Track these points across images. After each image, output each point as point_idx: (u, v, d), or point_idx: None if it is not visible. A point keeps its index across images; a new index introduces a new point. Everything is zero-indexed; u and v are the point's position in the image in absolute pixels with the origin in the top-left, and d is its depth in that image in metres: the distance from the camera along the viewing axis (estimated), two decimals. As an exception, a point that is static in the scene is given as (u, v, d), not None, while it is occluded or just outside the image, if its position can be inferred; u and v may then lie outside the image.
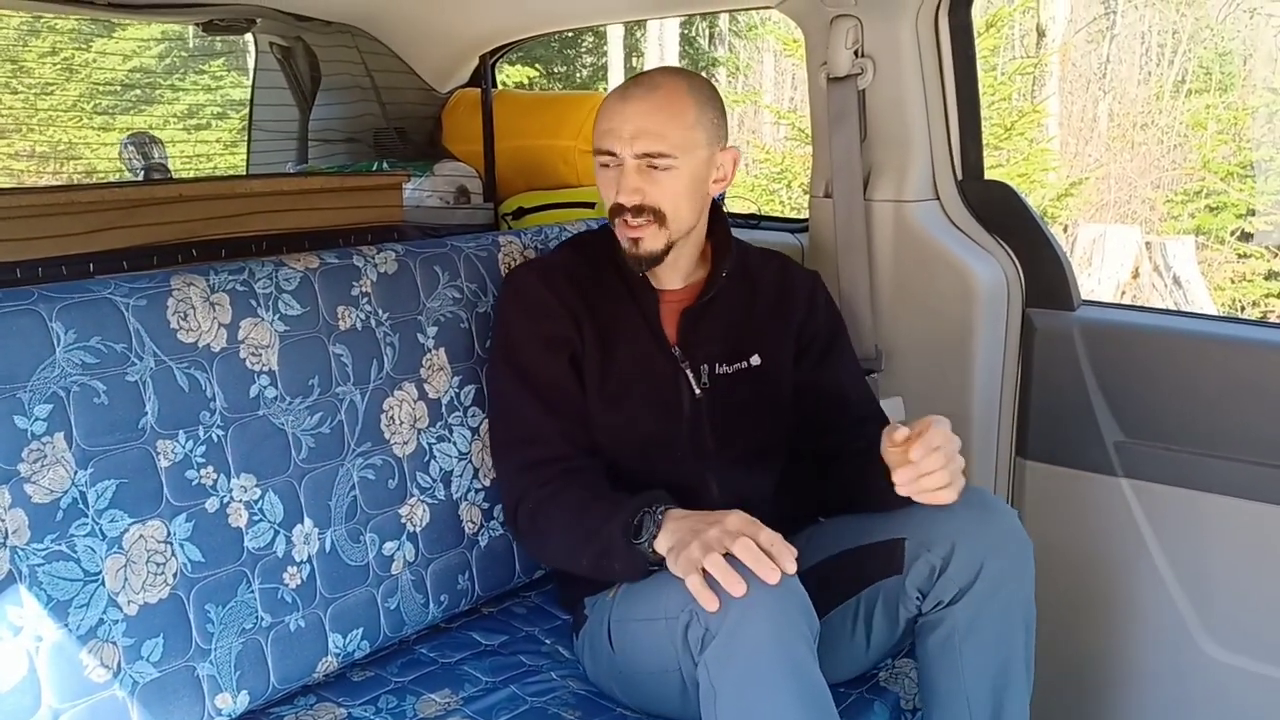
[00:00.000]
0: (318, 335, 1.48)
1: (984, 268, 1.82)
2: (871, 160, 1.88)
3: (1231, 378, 1.67)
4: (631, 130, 1.44)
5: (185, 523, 1.32)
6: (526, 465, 1.48)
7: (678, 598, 1.23)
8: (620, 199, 1.47)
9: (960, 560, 1.33)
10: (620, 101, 1.47)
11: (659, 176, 1.46)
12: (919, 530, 1.36)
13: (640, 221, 1.46)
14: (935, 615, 1.35)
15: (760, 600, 1.17)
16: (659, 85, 1.47)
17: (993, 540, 1.34)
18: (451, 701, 1.46)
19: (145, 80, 7.67)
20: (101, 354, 1.27)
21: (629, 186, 1.45)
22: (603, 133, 1.47)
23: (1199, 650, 1.73)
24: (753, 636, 1.17)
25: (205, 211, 1.78)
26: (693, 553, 1.20)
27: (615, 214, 1.49)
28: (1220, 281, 7.18)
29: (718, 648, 1.18)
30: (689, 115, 1.46)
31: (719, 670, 1.18)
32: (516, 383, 1.51)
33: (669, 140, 1.45)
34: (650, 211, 1.46)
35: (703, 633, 1.20)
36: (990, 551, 1.34)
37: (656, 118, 1.45)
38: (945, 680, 1.37)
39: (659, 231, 1.47)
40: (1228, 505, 1.67)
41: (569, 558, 1.43)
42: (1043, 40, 9.86)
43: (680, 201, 1.48)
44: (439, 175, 2.40)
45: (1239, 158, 8.37)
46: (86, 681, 1.22)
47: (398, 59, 2.45)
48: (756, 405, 1.56)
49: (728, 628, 1.17)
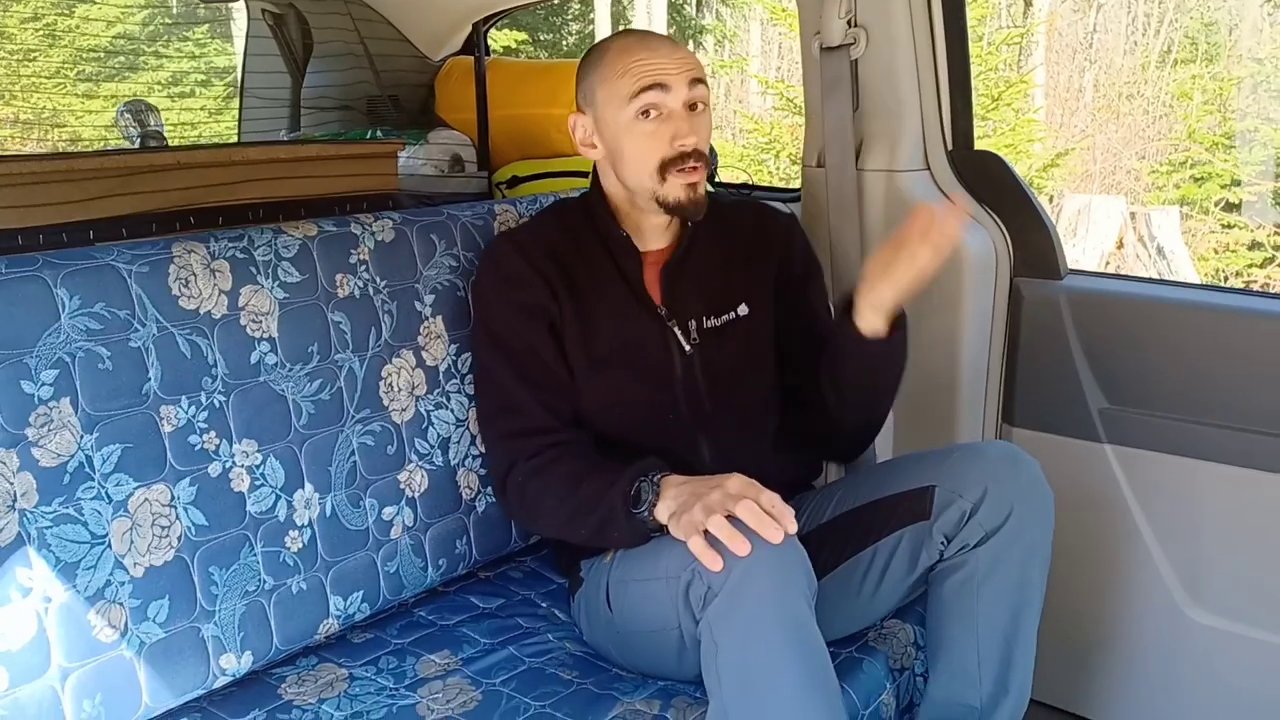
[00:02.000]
0: (317, 303, 1.49)
1: (973, 237, 1.84)
2: (863, 130, 1.89)
3: (1215, 346, 1.70)
4: (681, 67, 1.44)
5: (189, 487, 1.34)
6: (509, 434, 1.49)
7: (678, 558, 1.25)
8: (685, 144, 1.44)
9: (990, 505, 1.37)
10: (649, 49, 1.45)
11: (699, 120, 1.47)
12: (950, 478, 1.40)
13: (698, 165, 1.46)
14: (958, 558, 1.39)
15: (761, 559, 1.20)
16: (664, 37, 1.50)
17: (1021, 487, 1.38)
18: (451, 662, 1.49)
19: (129, 47, 7.59)
20: (105, 320, 1.29)
21: (689, 129, 1.44)
22: (645, 74, 1.44)
23: (1182, 614, 1.77)
24: (754, 594, 1.19)
25: (203, 179, 1.79)
26: (695, 515, 1.23)
27: (670, 166, 1.45)
28: (1204, 252, 7.23)
29: (720, 604, 1.20)
30: (700, 62, 1.49)
31: (721, 626, 1.21)
32: (494, 352, 1.52)
33: (704, 74, 1.48)
34: (702, 156, 1.47)
35: (705, 590, 1.22)
36: (1019, 497, 1.37)
37: (691, 58, 1.47)
38: (958, 624, 1.41)
39: (704, 174, 1.48)
40: (1211, 471, 1.70)
41: (565, 528, 1.44)
42: (1029, 10, 9.85)
43: (709, 146, 1.50)
44: (433, 143, 2.41)
45: (1224, 128, 8.40)
46: (94, 641, 1.25)
47: (390, 26, 2.45)
48: (747, 356, 1.57)
49: (730, 586, 1.20)
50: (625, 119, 1.46)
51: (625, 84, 1.45)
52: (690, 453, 1.53)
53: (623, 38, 1.50)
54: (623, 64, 1.45)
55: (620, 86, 1.45)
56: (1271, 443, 1.64)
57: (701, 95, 1.47)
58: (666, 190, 1.47)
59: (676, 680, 1.43)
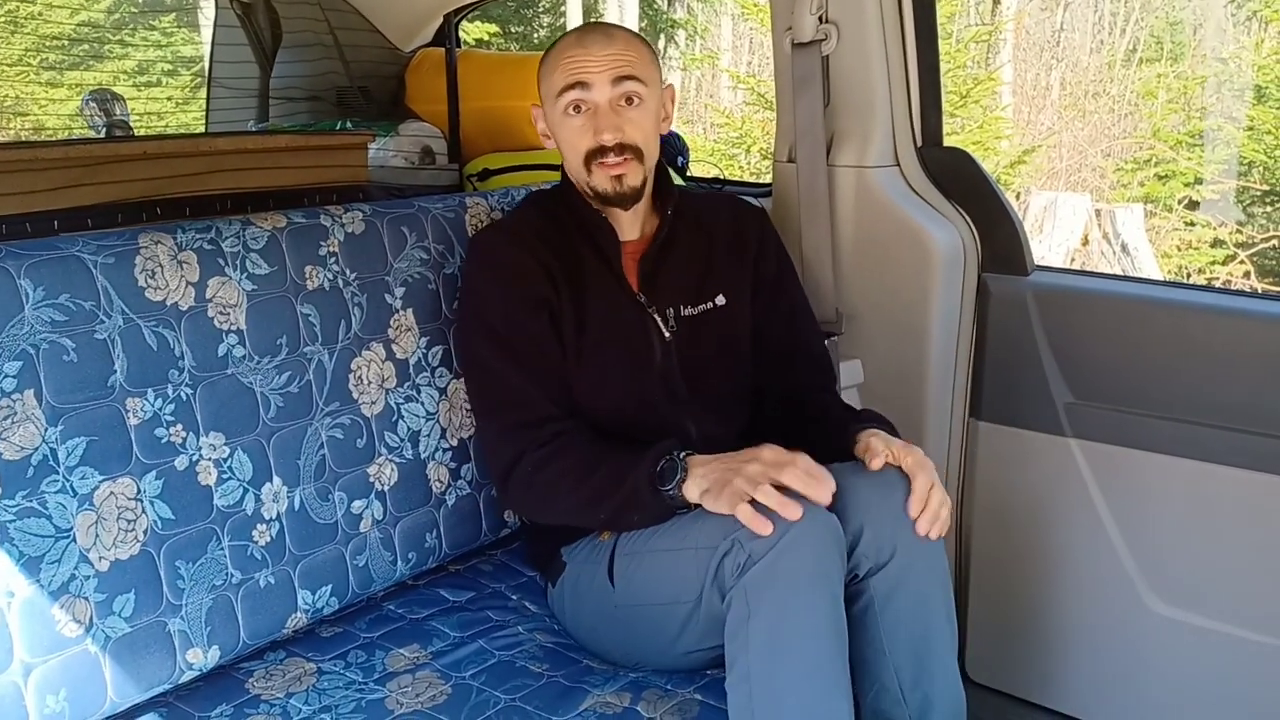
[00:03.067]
0: (285, 295, 1.48)
1: (942, 233, 1.85)
2: (834, 126, 1.90)
3: (1178, 342, 1.72)
4: (605, 65, 1.47)
5: (155, 480, 1.33)
6: (518, 426, 1.48)
7: (715, 528, 1.28)
8: (603, 139, 1.48)
9: (870, 540, 1.33)
10: (581, 46, 1.49)
11: (632, 114, 1.49)
12: (833, 504, 1.34)
13: (623, 158, 1.49)
14: (854, 587, 1.36)
15: (803, 529, 1.23)
16: (611, 30, 1.53)
17: (900, 518, 1.34)
18: (420, 656, 1.48)
19: (94, 35, 7.49)
20: (70, 311, 1.27)
21: (610, 125, 1.48)
22: (571, 72, 1.48)
23: (1143, 605, 1.79)
24: (795, 563, 1.23)
25: (170, 169, 1.77)
26: (738, 486, 1.26)
27: (593, 158, 1.50)
28: (1167, 249, 7.33)
29: (759, 571, 1.23)
30: (646, 50, 1.53)
31: (758, 592, 1.23)
32: (495, 348, 1.51)
33: (641, 73, 1.50)
34: (629, 149, 1.49)
35: (745, 559, 1.24)
36: (900, 529, 1.34)
37: (626, 52, 1.49)
38: (870, 649, 1.38)
39: (638, 167, 1.51)
40: (1173, 465, 1.73)
41: (580, 513, 1.44)
42: (998, 7, 9.91)
43: (650, 137, 1.53)
44: (404, 135, 2.39)
45: (1188, 127, 8.51)
46: (58, 636, 1.23)
47: (361, 17, 2.43)
48: (724, 346, 1.59)
49: (772, 554, 1.23)
50: (557, 114, 1.52)
51: (556, 80, 1.51)
52: (678, 431, 1.52)
53: (569, 34, 1.55)
54: (555, 60, 1.51)
55: (553, 83, 1.51)
56: (1229, 437, 1.67)
57: (632, 90, 1.49)
58: (594, 181, 1.52)
59: (657, 665, 1.44)
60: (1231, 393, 1.67)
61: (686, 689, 1.41)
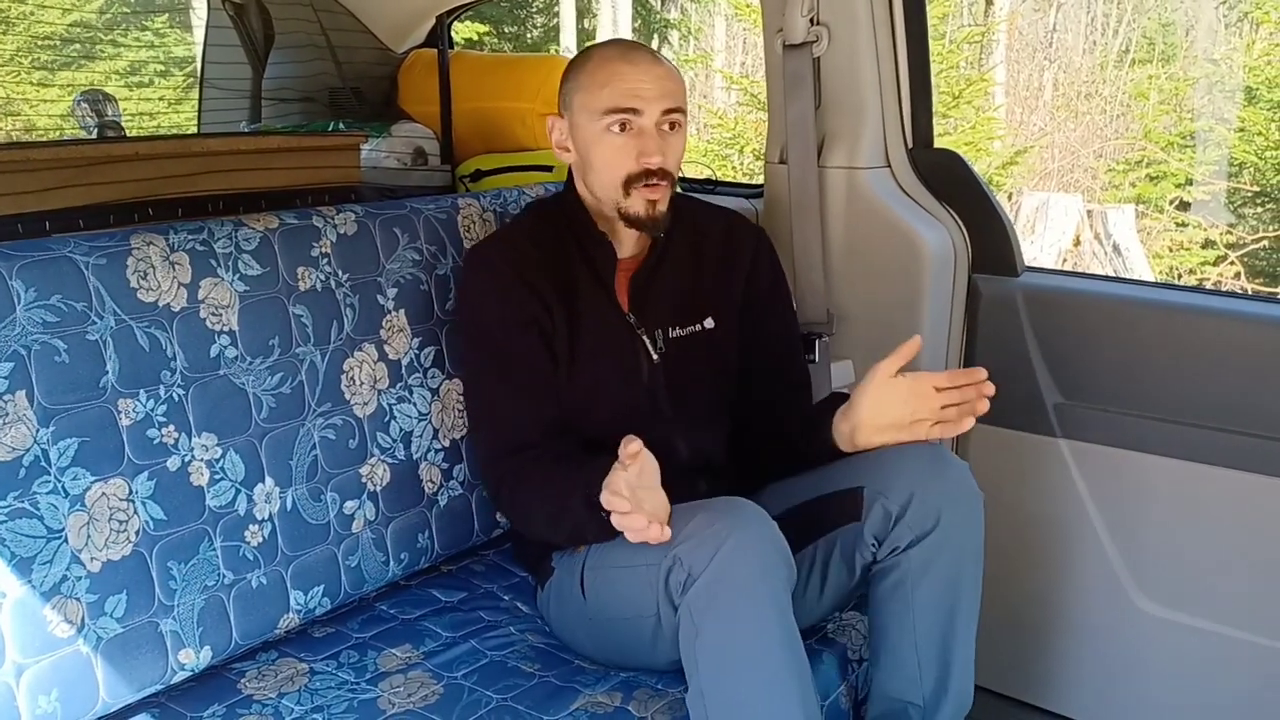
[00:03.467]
0: (278, 296, 1.48)
1: (932, 234, 1.86)
2: (825, 127, 1.91)
3: (1167, 343, 1.73)
4: (658, 90, 1.47)
5: (147, 481, 1.33)
6: (499, 450, 1.50)
7: (659, 545, 1.27)
8: (648, 162, 1.47)
9: (917, 508, 1.38)
10: (631, 65, 1.48)
11: (672, 139, 1.50)
12: (876, 479, 1.41)
13: (662, 183, 1.49)
14: (890, 561, 1.40)
15: (740, 543, 1.23)
16: (650, 50, 1.53)
17: (948, 490, 1.39)
18: (412, 656, 1.49)
19: (86, 35, 7.47)
20: (62, 312, 1.28)
21: (656, 149, 1.47)
22: (621, 93, 1.47)
23: (1132, 604, 1.80)
24: (735, 579, 1.22)
25: (162, 170, 1.77)
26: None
27: (634, 181, 1.48)
28: (1159, 250, 7.35)
29: (700, 590, 1.23)
30: (682, 80, 1.52)
31: (701, 610, 1.23)
32: (488, 366, 1.52)
33: (682, 100, 1.51)
34: (668, 176, 1.49)
35: (685, 577, 1.25)
36: (946, 501, 1.39)
37: (671, 80, 1.49)
38: (895, 625, 1.42)
39: (669, 193, 1.51)
40: (1161, 465, 1.74)
41: (548, 534, 1.47)
42: (990, 8, 9.92)
43: (681, 163, 1.53)
44: (396, 136, 2.39)
45: (1180, 128, 8.54)
46: (50, 637, 1.24)
47: (353, 18, 2.43)
48: (710, 367, 1.60)
49: (711, 571, 1.23)
50: (597, 130, 1.49)
51: (603, 97, 1.47)
52: (667, 448, 1.53)
53: (608, 48, 1.53)
54: (601, 75, 1.48)
55: (599, 98, 1.48)
56: (1218, 437, 1.68)
57: (676, 118, 1.49)
58: (629, 204, 1.50)
59: (647, 669, 1.44)
60: (1220, 393, 1.68)
61: (677, 688, 1.41)
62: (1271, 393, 1.64)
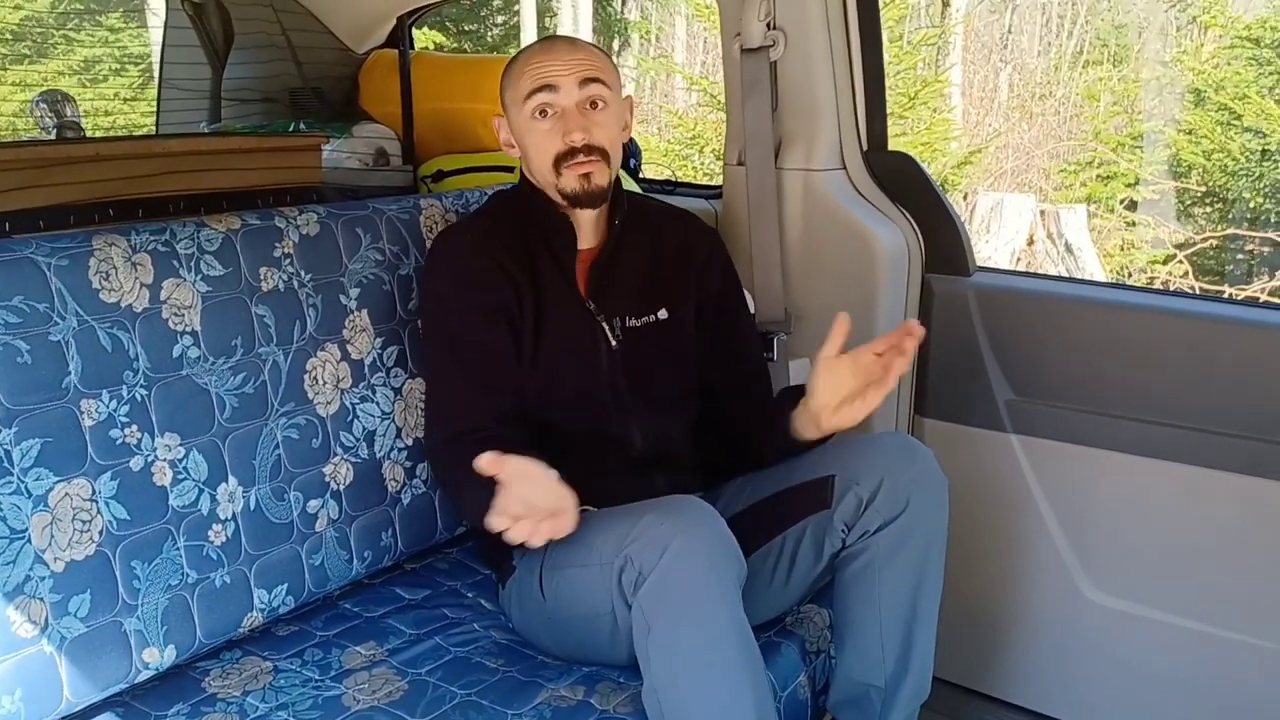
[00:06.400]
0: (240, 296, 1.49)
1: (887, 235, 1.90)
2: (782, 130, 1.94)
3: (1112, 340, 1.78)
4: (572, 69, 1.51)
5: (110, 481, 1.33)
6: (450, 435, 1.51)
7: (611, 544, 1.30)
8: (573, 139, 1.51)
9: (887, 493, 1.42)
10: (547, 52, 1.53)
11: (598, 117, 1.52)
12: (847, 467, 1.45)
13: (591, 158, 1.52)
14: (859, 544, 1.45)
15: (690, 540, 1.25)
16: (574, 39, 1.57)
17: (916, 475, 1.45)
18: (377, 653, 1.50)
19: (37, 30, 7.35)
20: (24, 313, 1.28)
21: (577, 126, 1.51)
22: (535, 75, 1.51)
23: (1081, 594, 1.85)
24: (685, 576, 1.25)
25: (122, 171, 1.77)
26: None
27: (562, 160, 1.52)
28: (1110, 249, 7.48)
29: (650, 586, 1.26)
30: (608, 60, 1.57)
31: (653, 607, 1.26)
32: (448, 353, 1.55)
33: (604, 75, 1.53)
34: (596, 150, 1.52)
35: (636, 576, 1.27)
36: (915, 486, 1.44)
37: (590, 57, 1.53)
38: (860, 608, 1.47)
39: (605, 169, 1.54)
40: (1109, 459, 1.79)
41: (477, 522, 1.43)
42: (947, 10, 10.04)
43: (615, 141, 1.56)
44: (357, 137, 2.40)
45: (1130, 129, 8.69)
46: (13, 637, 1.24)
47: (314, 18, 2.43)
48: (666, 356, 1.63)
49: (661, 569, 1.25)
50: (524, 119, 1.54)
51: (522, 86, 1.53)
52: (623, 435, 1.58)
53: (533, 45, 1.58)
54: (521, 68, 1.54)
55: (519, 89, 1.54)
56: (1163, 432, 1.73)
57: (597, 93, 1.52)
58: (563, 183, 1.54)
59: (607, 665, 1.46)
60: (1165, 389, 1.73)
61: (640, 682, 1.43)
62: (1214, 388, 1.69)
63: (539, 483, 1.23)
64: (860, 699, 1.51)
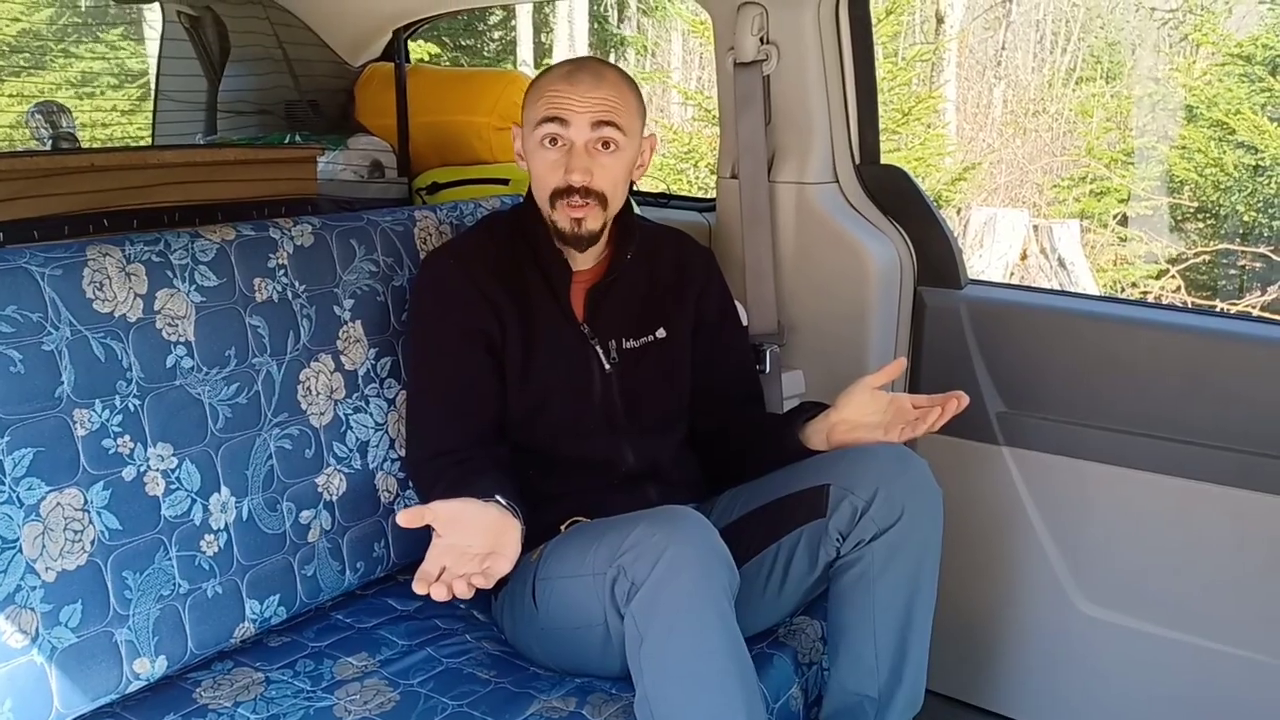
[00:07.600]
0: (234, 307, 1.49)
1: (879, 248, 1.91)
2: (775, 144, 1.95)
3: (1105, 353, 1.79)
4: (589, 107, 1.49)
5: (102, 491, 1.33)
6: (426, 454, 1.54)
7: (604, 555, 1.31)
8: (572, 179, 1.50)
9: (882, 502, 1.43)
10: (569, 82, 1.50)
11: (605, 160, 1.51)
12: (843, 476, 1.46)
13: (586, 202, 1.51)
14: (854, 554, 1.45)
15: (682, 552, 1.26)
16: (604, 72, 1.53)
17: (911, 485, 1.45)
18: (369, 664, 1.50)
19: (36, 44, 7.36)
20: (17, 323, 1.28)
21: (581, 167, 1.50)
22: (550, 105, 1.50)
23: (1072, 606, 1.86)
24: (677, 587, 1.25)
25: (117, 181, 1.77)
26: None
27: (559, 196, 1.52)
28: (1102, 264, 7.51)
29: (644, 598, 1.26)
30: (634, 101, 1.54)
31: (645, 618, 1.27)
32: (426, 374, 1.57)
33: (622, 121, 1.51)
34: (594, 194, 1.51)
35: (629, 586, 1.28)
36: (910, 496, 1.44)
37: (611, 100, 1.50)
38: (855, 618, 1.47)
39: (600, 213, 1.53)
40: (1100, 471, 1.80)
41: None
42: (941, 26, 10.09)
43: (619, 185, 1.55)
44: (353, 149, 2.40)
45: (1123, 145, 8.73)
46: (4, 647, 1.23)
47: (310, 31, 2.44)
48: (662, 376, 1.64)
49: (653, 580, 1.26)
50: (534, 142, 1.53)
51: (538, 110, 1.52)
52: (614, 455, 1.59)
53: (561, 66, 1.56)
54: (541, 90, 1.53)
55: (535, 111, 1.53)
56: (1154, 445, 1.74)
57: (610, 135, 1.51)
58: (556, 217, 1.54)
59: (599, 676, 1.46)
60: (1156, 402, 1.74)
61: (631, 693, 1.43)
62: (1204, 401, 1.70)
63: (469, 525, 1.25)
64: (853, 709, 1.51)
